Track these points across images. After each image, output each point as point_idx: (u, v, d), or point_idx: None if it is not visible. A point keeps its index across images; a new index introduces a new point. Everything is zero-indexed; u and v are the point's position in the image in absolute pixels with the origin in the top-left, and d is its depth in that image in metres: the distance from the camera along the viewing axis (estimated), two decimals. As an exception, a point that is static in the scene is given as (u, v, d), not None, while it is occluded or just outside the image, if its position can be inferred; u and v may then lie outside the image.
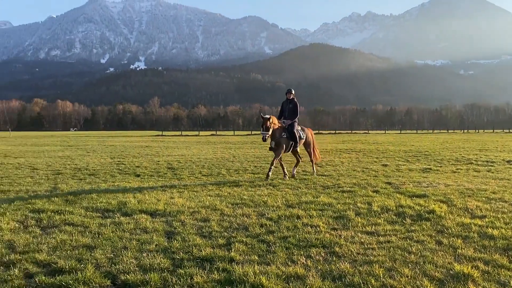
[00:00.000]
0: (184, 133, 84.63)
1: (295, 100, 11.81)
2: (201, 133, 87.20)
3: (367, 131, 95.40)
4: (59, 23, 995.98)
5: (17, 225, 5.83)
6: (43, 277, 3.84)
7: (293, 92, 11.86)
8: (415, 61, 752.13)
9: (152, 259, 4.34)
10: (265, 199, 7.72)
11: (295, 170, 12.03)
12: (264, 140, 10.64)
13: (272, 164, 11.28)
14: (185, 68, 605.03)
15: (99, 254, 4.48)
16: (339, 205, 7.09)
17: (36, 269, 4.10)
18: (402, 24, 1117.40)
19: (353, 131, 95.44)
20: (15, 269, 4.06)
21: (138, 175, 11.79)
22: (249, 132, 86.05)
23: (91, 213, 6.61)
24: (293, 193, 8.45)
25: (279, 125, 11.24)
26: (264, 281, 3.72)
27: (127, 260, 4.31)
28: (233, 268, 4.06)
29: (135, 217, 6.24)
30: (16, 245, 4.83)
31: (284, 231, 5.47)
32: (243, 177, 11.31)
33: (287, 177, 11.22)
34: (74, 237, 5.17)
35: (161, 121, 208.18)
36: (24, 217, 6.30)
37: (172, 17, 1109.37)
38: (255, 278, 3.79)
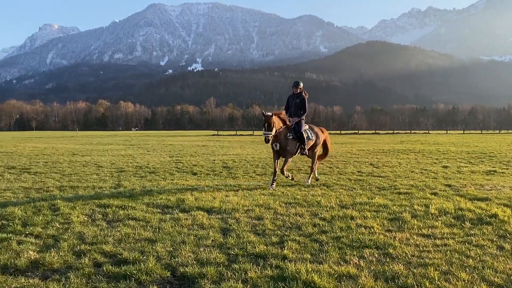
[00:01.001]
0: (238, 132, 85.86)
1: (303, 94, 10.36)
2: (256, 132, 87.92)
3: (427, 131, 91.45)
4: (122, 28, 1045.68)
5: (86, 218, 6.29)
6: (110, 267, 4.15)
7: (301, 85, 10.37)
8: (480, 58, 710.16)
9: (208, 253, 4.55)
10: (319, 199, 7.74)
11: (316, 173, 10.88)
12: (267, 141, 9.22)
13: (283, 172, 9.72)
14: (240, 68, 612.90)
15: (159, 247, 4.76)
16: (394, 207, 6.96)
17: (104, 259, 4.43)
18: (466, 19, 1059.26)
19: (412, 131, 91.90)
20: (85, 258, 4.42)
21: (195, 174, 12.19)
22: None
23: (152, 208, 6.97)
24: (347, 194, 8.39)
25: (285, 119, 9.80)
26: (316, 279, 3.79)
27: (185, 254, 4.55)
28: (285, 265, 4.17)
29: (192, 214, 6.51)
30: (86, 237, 5.24)
31: (337, 231, 5.49)
32: (297, 177, 11.34)
33: (274, 186, 9.48)
34: (136, 230, 5.52)
35: (216, 121, 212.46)
36: (91, 211, 6.78)
37: (228, 18, 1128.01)
38: (307, 275, 3.86)
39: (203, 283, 3.78)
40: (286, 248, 4.74)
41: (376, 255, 4.53)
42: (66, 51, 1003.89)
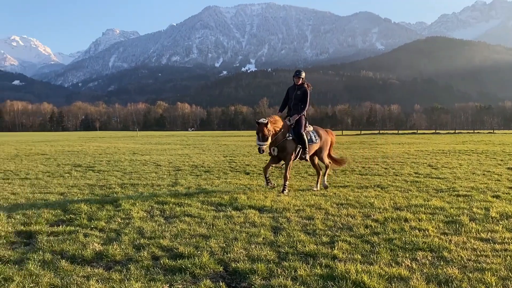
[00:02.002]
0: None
1: (306, 86, 9.13)
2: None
3: (492, 131, 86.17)
4: (179, 31, 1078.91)
5: (145, 214, 6.65)
6: (167, 260, 4.39)
7: (302, 75, 9.07)
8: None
9: (259, 250, 4.68)
10: (372, 200, 7.62)
11: (325, 180, 9.59)
12: (261, 152, 8.21)
13: (285, 178, 8.72)
14: (294, 68, 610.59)
15: (213, 243, 4.95)
16: (452, 210, 6.72)
17: (161, 252, 4.68)
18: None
19: (475, 131, 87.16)
20: (144, 251, 4.69)
21: (248, 173, 12.40)
22: (359, 132, 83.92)
23: (206, 206, 7.22)
24: (402, 196, 8.19)
25: (281, 125, 8.57)
26: (366, 279, 3.79)
27: (237, 250, 4.70)
28: (335, 264, 4.19)
29: (244, 212, 6.68)
30: (145, 232, 5.55)
31: (389, 233, 5.40)
32: (350, 178, 11.21)
33: (271, 185, 8.98)
34: (192, 227, 5.76)
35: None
36: (150, 207, 7.15)
37: (282, 18, 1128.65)
38: (357, 275, 3.87)
39: (254, 279, 3.91)
40: (336, 248, 4.76)
41: (430, 258, 4.42)
42: (127, 54, 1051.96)
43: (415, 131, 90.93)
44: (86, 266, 4.25)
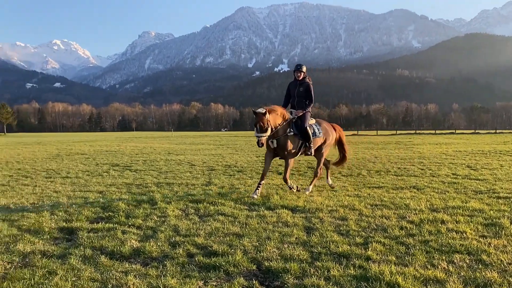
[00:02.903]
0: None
1: (308, 80, 8.60)
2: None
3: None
4: (212, 32, 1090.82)
5: (180, 212, 6.80)
6: (201, 257, 4.49)
7: (304, 69, 8.54)
8: None
9: (292, 250, 4.70)
10: (407, 202, 7.48)
11: (329, 180, 9.37)
12: (260, 146, 7.57)
13: (286, 181, 8.32)
14: (327, 67, 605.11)
15: (246, 242, 5.01)
16: (491, 212, 6.50)
17: (196, 250, 4.79)
18: None
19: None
20: (179, 249, 4.81)
21: (280, 173, 12.39)
22: (394, 132, 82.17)
23: (239, 205, 7.30)
24: (439, 197, 7.98)
25: (284, 116, 8.08)
26: (400, 280, 3.74)
27: (270, 249, 4.74)
28: (369, 265, 4.16)
29: (277, 212, 6.71)
30: (180, 229, 5.68)
31: (425, 235, 5.29)
32: (385, 178, 11.02)
33: (258, 194, 8.04)
34: (225, 225, 5.85)
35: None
36: (185, 206, 7.30)
37: (315, 17, 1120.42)
38: (391, 277, 3.83)
39: (286, 278, 3.93)
40: (370, 249, 4.71)
41: (467, 261, 4.31)
42: (162, 56, 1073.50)
43: (453, 131, 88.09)
44: (124, 262, 4.40)
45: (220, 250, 4.69)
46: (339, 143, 9.86)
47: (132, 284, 3.74)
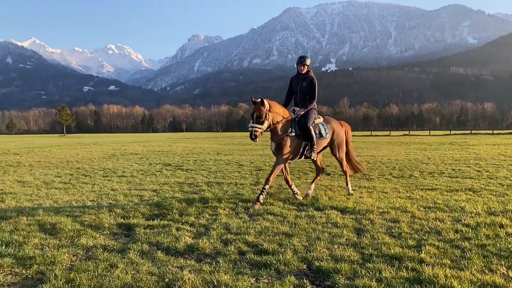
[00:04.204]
0: (374, 133, 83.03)
1: (312, 74, 7.81)
2: (392, 133, 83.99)
3: None
4: (260, 34, 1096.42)
5: (230, 211, 6.95)
6: (252, 255, 4.59)
7: (308, 62, 7.75)
8: None
9: (342, 251, 4.69)
10: (463, 204, 7.21)
11: (312, 187, 8.28)
12: (253, 138, 6.94)
13: (267, 181, 7.36)
14: (376, 66, 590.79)
15: (296, 242, 5.06)
16: (556, 217, 6.13)
17: (247, 248, 4.90)
18: None
19: None
20: (231, 246, 4.95)
21: (328, 174, 12.33)
22: (448, 132, 78.88)
23: (288, 205, 7.36)
24: (497, 200, 7.63)
25: (285, 116, 7.43)
26: (455, 284, 3.64)
27: (320, 249, 4.76)
28: (422, 268, 4.07)
29: (326, 212, 6.70)
30: (231, 228, 5.82)
31: (482, 238, 5.10)
32: (439, 180, 10.66)
33: (298, 195, 7.83)
34: (275, 225, 5.93)
35: (350, 121, 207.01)
36: (235, 205, 7.45)
37: (364, 16, 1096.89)
38: (446, 280, 3.73)
39: (337, 278, 3.94)
40: (423, 252, 4.61)
41: (529, 268, 4.11)
42: (211, 59, 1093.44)
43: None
44: (179, 258, 4.59)
45: (270, 249, 4.77)
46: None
47: (187, 278, 3.90)
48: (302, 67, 7.72)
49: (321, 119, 7.97)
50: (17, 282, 3.93)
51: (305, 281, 3.90)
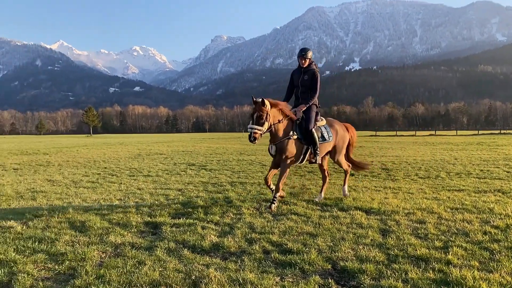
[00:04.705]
0: (399, 133, 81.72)
1: (314, 67, 7.35)
2: (418, 133, 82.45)
3: None
4: (282, 34, 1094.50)
5: (254, 211, 7.00)
6: (277, 254, 4.62)
7: (309, 55, 7.30)
8: None
9: (367, 251, 4.67)
10: (491, 206, 7.05)
11: (322, 196, 7.92)
12: (252, 140, 6.54)
13: (277, 188, 7.11)
14: (401, 65, 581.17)
15: (320, 242, 5.07)
16: None
17: (271, 247, 4.93)
18: None
19: None
20: (256, 245, 4.99)
21: (352, 174, 12.21)
22: (476, 132, 76.91)
23: (311, 205, 7.35)
24: (528, 202, 7.43)
25: (287, 116, 6.97)
26: (484, 286, 3.59)
27: (344, 250, 4.75)
28: (449, 270, 4.03)
29: (350, 213, 6.67)
30: (255, 227, 5.87)
31: (512, 241, 4.99)
32: (466, 181, 10.44)
33: (274, 206, 7.04)
34: (299, 225, 5.94)
35: (374, 121, 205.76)
36: (258, 204, 7.50)
37: (389, 14, 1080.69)
38: (474, 282, 3.68)
39: (363, 278, 3.94)
40: (450, 253, 4.54)
41: (562, 271, 4.01)
42: (234, 59, 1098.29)
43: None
44: (205, 256, 4.67)
45: (294, 248, 4.79)
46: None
47: (213, 276, 3.96)
48: (303, 60, 7.30)
49: (323, 121, 7.59)
50: (51, 277, 4.08)
51: (330, 280, 3.91)
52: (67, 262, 4.43)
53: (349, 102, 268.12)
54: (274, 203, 7.06)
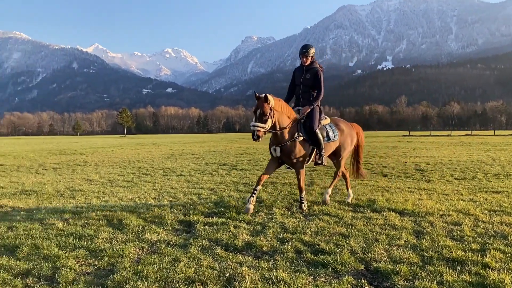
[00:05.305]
0: (433, 133, 79.64)
1: (317, 66, 7.00)
2: (453, 132, 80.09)
3: None
4: (313, 33, 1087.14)
5: (285, 211, 7.04)
6: (309, 254, 4.64)
7: (311, 52, 6.94)
8: None
9: (401, 253, 4.62)
10: (532, 208, 6.82)
11: (350, 191, 7.94)
12: (256, 138, 6.16)
13: (301, 189, 7.04)
14: (436, 63, 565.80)
15: (353, 242, 5.05)
16: None
17: (303, 247, 4.96)
18: None
19: None
20: (288, 245, 5.03)
21: (385, 175, 12.06)
22: (515, 132, 73.98)
23: (343, 206, 7.32)
24: None
25: (291, 117, 6.68)
26: (523, 291, 3.50)
27: (378, 251, 4.72)
28: (487, 273, 3.94)
29: (384, 214, 6.59)
30: (287, 227, 5.91)
31: (554, 245, 4.81)
32: (505, 183, 10.10)
33: (251, 205, 6.78)
34: (331, 225, 5.93)
35: (408, 121, 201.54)
36: (289, 204, 7.53)
37: (422, 11, 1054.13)
38: (512, 286, 3.60)
39: (396, 280, 3.91)
40: (488, 256, 4.44)
41: None
42: (264, 60, 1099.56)
43: None
44: (238, 254, 4.75)
45: (327, 249, 4.80)
46: (355, 148, 8.22)
47: (247, 274, 4.03)
48: (305, 59, 6.93)
49: (328, 120, 7.34)
50: (91, 272, 4.26)
51: (363, 281, 3.90)
52: (106, 258, 4.60)
53: (381, 102, 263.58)
54: (303, 203, 7.10)
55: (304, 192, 7.17)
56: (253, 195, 6.82)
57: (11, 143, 49.20)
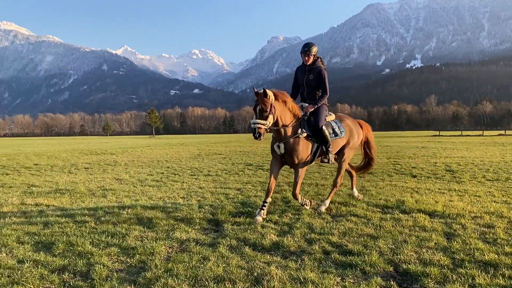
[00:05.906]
0: (464, 133, 77.46)
1: (321, 65, 6.72)
2: (485, 132, 77.67)
3: None
4: (339, 32, 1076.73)
5: (312, 211, 7.02)
6: (337, 255, 4.64)
7: (313, 51, 6.61)
8: None
9: (431, 255, 4.56)
10: None
11: (354, 189, 8.07)
12: (257, 136, 5.86)
13: (295, 196, 6.77)
14: (467, 61, 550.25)
15: (381, 244, 5.01)
16: None
17: (331, 248, 4.95)
18: None
19: None
20: (315, 245, 5.03)
21: (415, 176, 11.85)
22: (552, 132, 71.17)
23: (371, 207, 7.25)
24: None
25: (295, 112, 6.40)
26: (560, 296, 3.40)
27: (407, 253, 4.66)
28: (521, 277, 3.84)
29: (413, 215, 6.50)
30: (314, 227, 5.90)
31: None
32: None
33: (262, 215, 6.37)
34: (359, 226, 5.89)
35: (438, 120, 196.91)
36: (317, 205, 7.50)
37: (453, 8, 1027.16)
38: (549, 291, 3.49)
39: (426, 282, 3.86)
40: (522, 260, 4.32)
41: None
42: (289, 59, 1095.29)
43: None
44: (265, 254, 4.79)
45: (355, 250, 4.77)
46: (366, 144, 8.14)
47: (275, 274, 4.07)
48: (306, 58, 6.63)
49: (333, 116, 7.07)
50: (123, 269, 4.39)
51: (392, 283, 3.87)
52: (138, 255, 4.73)
53: (410, 101, 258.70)
54: (306, 205, 6.99)
55: (300, 196, 6.87)
56: (263, 208, 6.47)
57: (44, 143, 50.93)
